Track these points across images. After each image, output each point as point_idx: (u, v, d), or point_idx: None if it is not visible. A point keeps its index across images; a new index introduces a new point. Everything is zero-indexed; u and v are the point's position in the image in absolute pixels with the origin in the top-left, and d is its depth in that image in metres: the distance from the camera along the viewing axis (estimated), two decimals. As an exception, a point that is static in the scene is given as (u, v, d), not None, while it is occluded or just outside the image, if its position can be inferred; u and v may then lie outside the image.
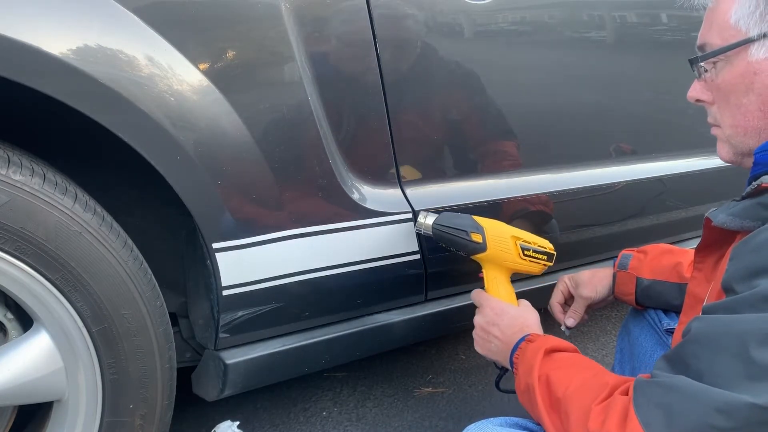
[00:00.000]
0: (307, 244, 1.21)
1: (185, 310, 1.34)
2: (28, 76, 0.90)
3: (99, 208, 1.01)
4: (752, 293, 0.74)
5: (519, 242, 1.23)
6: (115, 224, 1.04)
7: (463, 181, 1.42)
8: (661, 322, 1.25)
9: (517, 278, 1.34)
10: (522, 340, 1.04)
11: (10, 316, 1.01)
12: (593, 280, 1.33)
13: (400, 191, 1.32)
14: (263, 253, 1.17)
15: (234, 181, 1.11)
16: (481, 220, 1.24)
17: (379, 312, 1.39)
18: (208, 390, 1.27)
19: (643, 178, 1.69)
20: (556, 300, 1.36)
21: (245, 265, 1.16)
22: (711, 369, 0.73)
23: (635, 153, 1.70)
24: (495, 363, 1.18)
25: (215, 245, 1.12)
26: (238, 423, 1.29)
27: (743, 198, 0.85)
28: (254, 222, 1.15)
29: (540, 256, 1.25)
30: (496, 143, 1.47)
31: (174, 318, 1.33)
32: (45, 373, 0.98)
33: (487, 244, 1.22)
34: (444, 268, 1.41)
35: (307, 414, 1.63)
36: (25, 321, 1.01)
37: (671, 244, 1.40)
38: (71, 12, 0.94)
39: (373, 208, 1.27)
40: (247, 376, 1.25)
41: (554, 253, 1.27)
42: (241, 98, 1.09)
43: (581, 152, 1.61)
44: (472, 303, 1.25)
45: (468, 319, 1.24)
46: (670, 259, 1.26)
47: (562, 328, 1.35)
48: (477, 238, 1.21)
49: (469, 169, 1.44)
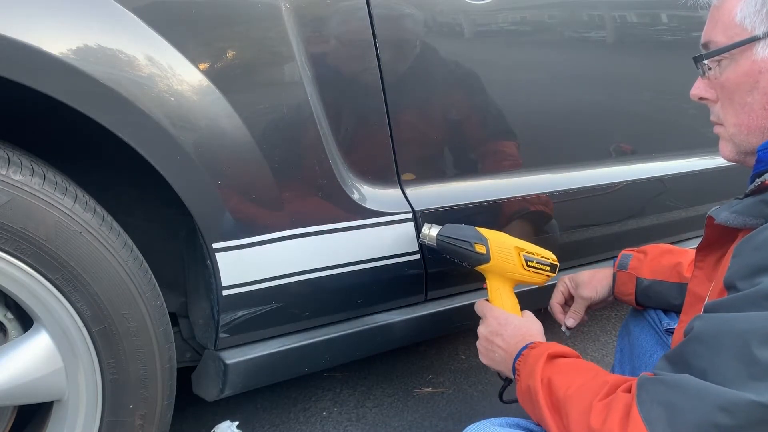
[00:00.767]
0: (307, 244, 1.21)
1: (185, 310, 1.34)
2: (28, 76, 0.90)
3: (99, 208, 1.01)
4: (754, 290, 0.74)
5: (522, 253, 1.23)
6: (115, 224, 1.04)
7: (463, 181, 1.42)
8: (661, 322, 1.25)
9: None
10: (525, 347, 1.04)
11: (10, 316, 1.01)
12: (593, 281, 1.33)
13: (400, 191, 1.32)
14: (263, 253, 1.17)
15: (234, 181, 1.11)
16: (484, 231, 1.25)
17: (379, 312, 1.39)
18: (208, 390, 1.27)
19: (643, 178, 1.69)
20: (556, 300, 1.36)
21: (245, 265, 1.16)
22: (713, 368, 0.73)
23: (635, 153, 1.70)
24: (499, 374, 1.17)
25: (215, 245, 1.12)
26: (238, 423, 1.29)
27: (746, 196, 0.85)
28: (254, 222, 1.15)
29: (543, 267, 1.26)
30: (496, 143, 1.47)
31: (174, 318, 1.33)
32: (45, 373, 0.98)
33: (491, 255, 1.22)
34: (444, 268, 1.41)
35: (307, 414, 1.63)
36: (25, 321, 1.01)
37: (671, 244, 1.40)
38: (71, 12, 0.94)
39: (373, 208, 1.27)
40: (247, 376, 1.25)
41: (557, 264, 1.28)
42: (241, 98, 1.09)
43: (581, 152, 1.61)
44: (472, 303, 1.25)
45: (468, 319, 1.24)
46: (670, 259, 1.26)
47: (563, 328, 1.35)
48: (481, 249, 1.22)
49: (469, 169, 1.44)
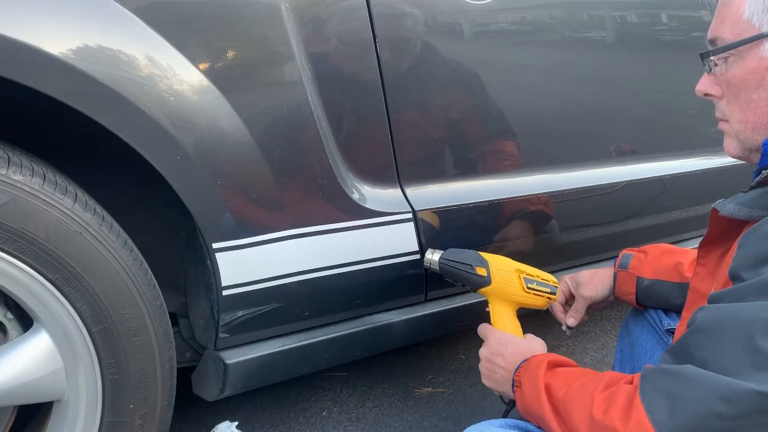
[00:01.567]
0: (307, 244, 1.21)
1: (185, 310, 1.34)
2: (27, 75, 0.90)
3: (99, 208, 1.01)
4: (758, 280, 0.74)
5: (523, 275, 1.26)
6: (115, 224, 1.03)
7: (463, 181, 1.42)
8: (661, 322, 1.25)
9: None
10: (524, 360, 1.03)
11: (10, 316, 1.01)
12: (594, 280, 1.33)
13: (400, 191, 1.32)
14: (263, 253, 1.17)
15: (234, 181, 1.11)
16: (486, 255, 1.27)
17: (379, 312, 1.39)
18: (208, 390, 1.27)
19: (643, 178, 1.69)
20: (556, 300, 1.36)
21: (245, 265, 1.15)
22: (715, 357, 0.73)
23: (635, 153, 1.70)
24: (501, 397, 1.16)
25: (215, 245, 1.12)
26: (238, 423, 1.29)
27: (751, 188, 0.86)
28: (254, 222, 1.15)
29: (543, 289, 1.27)
30: (496, 143, 1.47)
31: (174, 318, 1.33)
32: (45, 373, 0.98)
33: (492, 278, 1.24)
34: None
35: (307, 414, 1.63)
36: (25, 321, 1.01)
37: (671, 244, 1.40)
38: (71, 12, 0.94)
39: (373, 208, 1.27)
40: (247, 376, 1.25)
41: (558, 286, 1.31)
42: (241, 98, 1.09)
43: (581, 152, 1.61)
44: (471, 303, 1.25)
45: (468, 319, 1.24)
46: (671, 259, 1.26)
47: (563, 328, 1.35)
48: (482, 271, 1.24)
49: (469, 169, 1.44)
